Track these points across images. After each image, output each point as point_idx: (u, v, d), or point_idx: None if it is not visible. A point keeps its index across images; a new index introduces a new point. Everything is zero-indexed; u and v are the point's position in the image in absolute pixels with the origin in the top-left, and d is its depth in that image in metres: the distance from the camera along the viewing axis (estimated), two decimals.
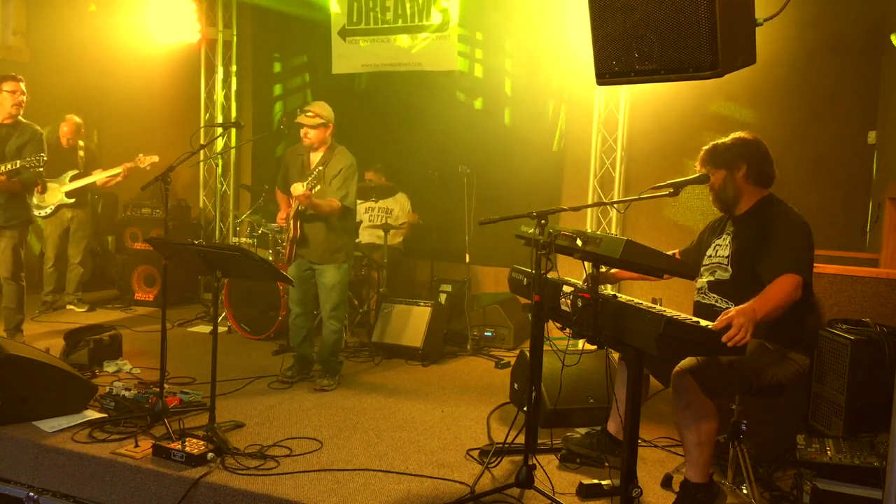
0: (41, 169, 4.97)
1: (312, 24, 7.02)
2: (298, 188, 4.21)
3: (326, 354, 4.57)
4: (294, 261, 4.52)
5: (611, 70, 2.52)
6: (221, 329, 5.79)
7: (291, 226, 4.42)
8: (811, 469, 2.87)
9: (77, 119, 6.39)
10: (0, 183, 4.78)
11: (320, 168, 4.36)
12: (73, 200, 6.25)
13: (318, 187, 4.27)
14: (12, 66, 6.91)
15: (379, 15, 6.76)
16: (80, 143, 6.38)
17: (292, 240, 4.44)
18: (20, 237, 5.08)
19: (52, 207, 6.19)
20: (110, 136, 7.84)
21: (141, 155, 6.11)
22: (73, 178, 6.18)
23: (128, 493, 3.19)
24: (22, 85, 5.03)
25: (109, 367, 4.65)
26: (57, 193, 6.15)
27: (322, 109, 4.47)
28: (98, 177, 6.21)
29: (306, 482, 3.11)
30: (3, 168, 4.78)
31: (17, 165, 4.80)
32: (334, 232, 4.48)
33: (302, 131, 4.45)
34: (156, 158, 6.07)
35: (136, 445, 3.35)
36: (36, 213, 6.04)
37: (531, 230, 3.04)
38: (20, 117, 5.06)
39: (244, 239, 6.39)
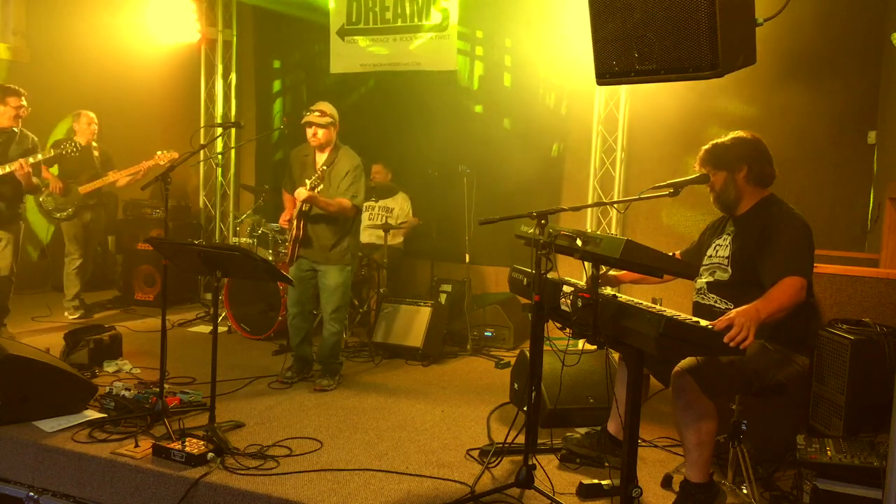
0: (77, 154, 5.34)
1: (313, 23, 7.02)
2: (302, 192, 4.20)
3: (326, 355, 4.57)
4: (296, 261, 4.52)
5: (611, 70, 2.52)
6: (221, 329, 5.79)
7: (294, 226, 4.42)
8: (811, 469, 2.87)
9: (91, 115, 6.20)
10: (25, 175, 5.02)
11: (324, 168, 4.35)
12: (94, 201, 6.18)
13: (321, 186, 4.27)
14: (12, 66, 6.92)
15: (378, 14, 6.76)
16: (94, 143, 6.22)
17: (294, 239, 4.44)
18: (21, 233, 5.30)
19: (73, 209, 6.06)
20: (110, 136, 7.83)
21: (160, 152, 5.91)
22: (90, 179, 6.06)
23: (128, 493, 3.19)
24: (23, 100, 5.20)
25: (109, 367, 4.64)
26: (77, 195, 6.03)
27: (329, 108, 4.48)
28: (117, 177, 6.06)
29: (306, 482, 3.10)
30: (37, 157, 5.12)
31: (52, 154, 5.23)
32: (338, 232, 4.48)
33: (310, 131, 4.43)
34: (175, 154, 5.80)
35: (136, 445, 3.35)
36: (57, 215, 6.06)
37: (531, 230, 3.04)
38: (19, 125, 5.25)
39: (244, 239, 6.38)
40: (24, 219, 5.42)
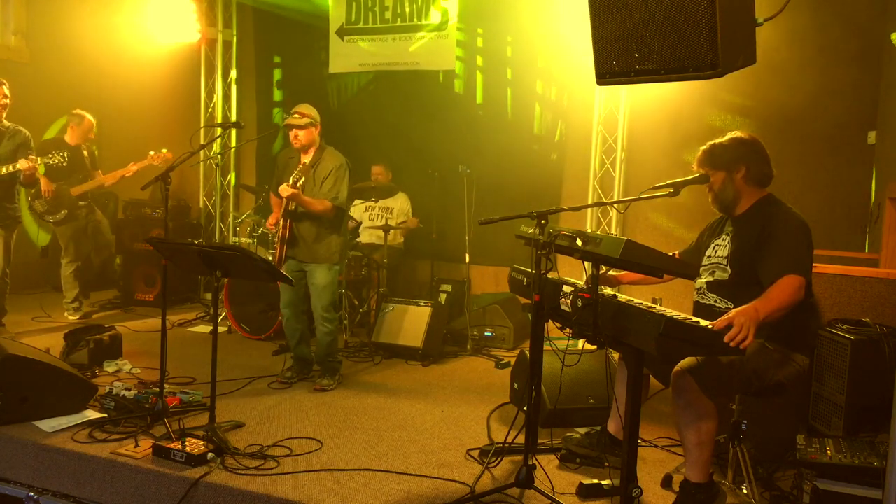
0: (65, 163, 5.31)
1: (312, 23, 7.03)
2: (285, 188, 4.23)
3: (323, 355, 4.57)
4: (284, 263, 4.52)
5: (611, 70, 2.52)
6: (221, 329, 5.79)
7: (281, 225, 4.43)
8: (811, 469, 2.87)
9: (93, 120, 6.11)
10: (33, 170, 5.06)
11: (305, 162, 4.37)
12: (85, 203, 6.12)
13: (303, 179, 4.28)
14: (12, 66, 6.92)
15: (377, 14, 6.76)
16: (82, 144, 6.17)
17: (282, 239, 4.45)
18: (13, 234, 5.32)
19: (67, 211, 5.98)
20: (110, 136, 7.84)
21: (152, 152, 5.87)
22: (82, 180, 6.00)
23: (128, 493, 3.19)
24: (5, 89, 5.12)
25: (109, 367, 4.64)
26: (69, 197, 5.97)
27: (308, 110, 4.48)
28: (105, 178, 6.03)
29: (306, 482, 3.11)
30: (36, 160, 5.06)
31: (39, 161, 5.11)
32: (324, 230, 4.48)
33: (291, 133, 4.45)
34: (168, 154, 5.81)
35: (136, 445, 3.35)
36: (49, 219, 6.00)
37: (531, 230, 3.04)
38: (5, 120, 5.20)
39: (244, 239, 6.37)
40: (16, 219, 5.37)
